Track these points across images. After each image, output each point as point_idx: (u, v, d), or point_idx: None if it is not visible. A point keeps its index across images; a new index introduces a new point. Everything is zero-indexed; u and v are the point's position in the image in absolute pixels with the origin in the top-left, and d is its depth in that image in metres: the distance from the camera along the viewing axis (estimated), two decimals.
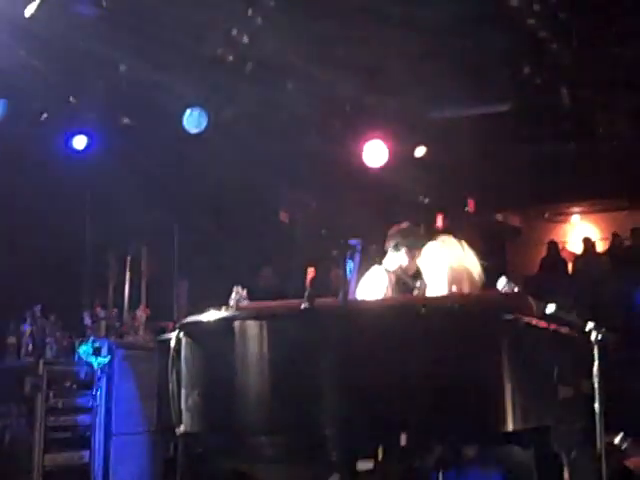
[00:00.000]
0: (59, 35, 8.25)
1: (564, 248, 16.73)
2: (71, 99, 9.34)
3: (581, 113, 10.19)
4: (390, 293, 6.34)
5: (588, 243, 15.97)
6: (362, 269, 6.82)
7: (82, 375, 7.39)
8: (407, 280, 6.22)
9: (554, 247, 16.02)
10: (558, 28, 8.72)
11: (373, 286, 6.34)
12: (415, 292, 6.08)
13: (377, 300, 5.71)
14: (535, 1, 8.34)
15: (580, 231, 17.54)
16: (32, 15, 7.51)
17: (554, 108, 10.05)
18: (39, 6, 7.47)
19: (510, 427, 3.85)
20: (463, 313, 4.01)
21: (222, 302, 6.35)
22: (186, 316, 4.84)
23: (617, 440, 4.94)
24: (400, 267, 6.56)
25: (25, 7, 7.50)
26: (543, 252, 16.08)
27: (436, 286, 5.31)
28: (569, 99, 9.66)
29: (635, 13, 8.26)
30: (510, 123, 10.48)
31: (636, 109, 10.08)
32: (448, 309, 4.08)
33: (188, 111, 9.42)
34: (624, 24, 8.52)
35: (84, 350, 7.43)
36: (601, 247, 16.52)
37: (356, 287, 6.48)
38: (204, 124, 9.47)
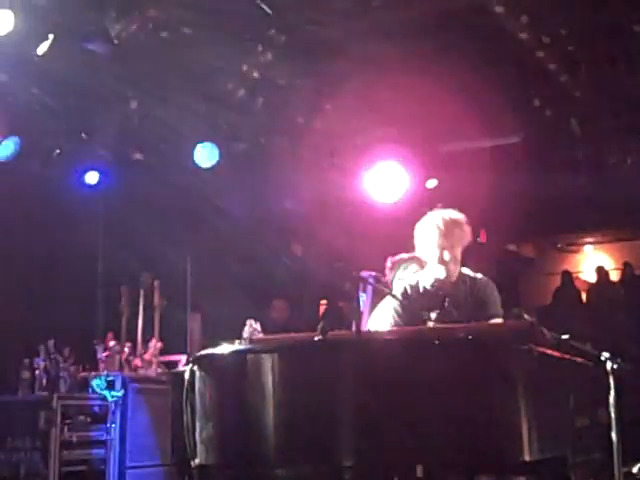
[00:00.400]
0: (71, 72, 8.32)
1: (577, 278, 16.69)
2: (83, 135, 9.40)
3: (592, 143, 10.20)
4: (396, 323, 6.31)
5: (602, 272, 15.93)
6: (376, 301, 6.84)
7: (96, 409, 7.39)
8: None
9: (568, 277, 15.98)
10: (567, 60, 8.75)
11: (382, 316, 6.32)
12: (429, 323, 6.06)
13: (390, 331, 5.69)
14: (544, 34, 8.39)
15: (593, 261, 17.51)
16: (44, 53, 7.58)
17: (566, 139, 10.07)
18: (51, 44, 7.53)
19: (526, 457, 3.83)
20: (477, 344, 4.00)
21: (235, 335, 6.37)
22: (199, 349, 4.84)
23: (635, 469, 4.91)
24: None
25: (38, 45, 7.57)
26: (556, 282, 16.03)
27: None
28: (579, 129, 9.68)
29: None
30: (522, 154, 10.49)
31: None
32: (462, 340, 4.07)
33: (199, 145, 9.46)
34: (633, 54, 8.54)
35: (98, 384, 7.43)
36: (615, 276, 16.49)
37: (369, 319, 6.49)
38: (215, 158, 9.51)
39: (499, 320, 5.31)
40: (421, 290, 5.71)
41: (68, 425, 7.13)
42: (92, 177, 9.68)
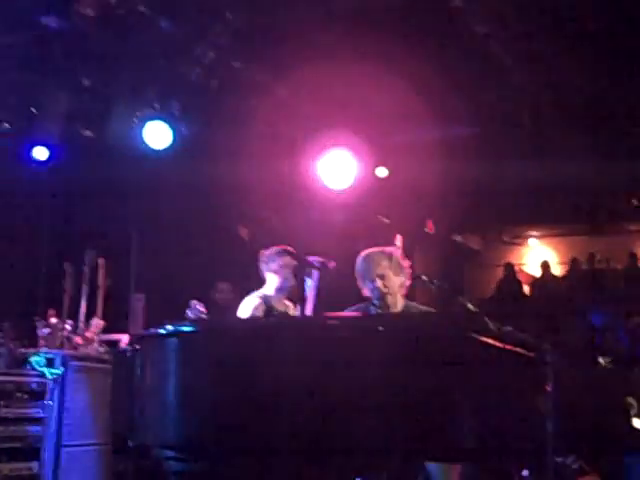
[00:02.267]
0: (22, 46, 8.23)
1: (521, 270, 16.89)
2: (33, 110, 9.30)
3: (541, 137, 10.30)
4: None
5: (546, 267, 16.15)
6: (321, 286, 6.87)
7: (34, 385, 7.31)
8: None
9: (510, 269, 16.17)
10: (520, 52, 8.82)
11: None
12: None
13: (334, 316, 5.71)
14: (500, 28, 8.44)
15: (538, 254, 17.72)
16: None
17: (515, 132, 10.16)
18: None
19: (465, 444, 3.87)
20: (420, 331, 4.03)
21: (178, 316, 6.36)
22: (142, 329, 4.83)
23: (569, 460, 4.99)
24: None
25: None
26: (501, 274, 16.21)
27: None
28: (529, 122, 9.77)
29: (598, 39, 8.38)
30: (471, 145, 10.57)
31: (595, 133, 10.21)
32: (405, 327, 4.10)
33: (150, 125, 9.40)
34: (587, 50, 8.63)
35: (37, 361, 7.35)
36: (559, 271, 16.71)
37: (314, 303, 6.52)
38: (167, 139, 9.45)
39: None
40: None
41: (4, 401, 7.05)
42: (40, 152, 9.58)
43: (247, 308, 6.74)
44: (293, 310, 7.01)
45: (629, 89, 9.30)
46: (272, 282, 6.93)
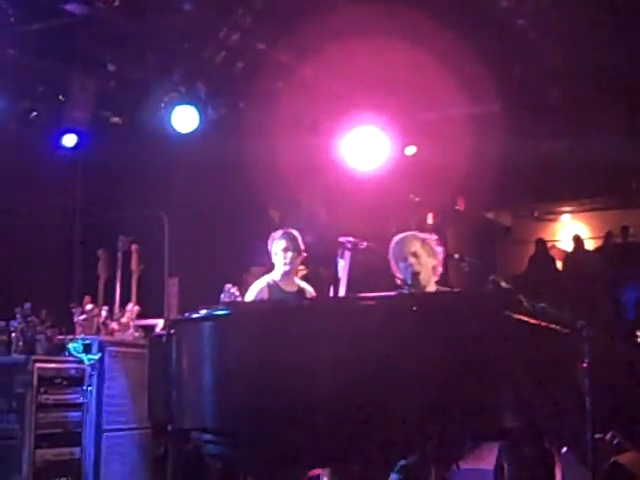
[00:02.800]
0: (48, 33, 8.25)
1: (554, 246, 16.79)
2: (60, 98, 9.33)
3: (571, 112, 10.22)
4: None
5: (578, 241, 16.04)
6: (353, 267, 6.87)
7: (72, 372, 7.38)
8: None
9: (542, 245, 16.08)
10: (548, 28, 8.74)
11: None
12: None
13: (368, 296, 5.71)
14: (530, 2, 8.37)
15: (570, 230, 17.59)
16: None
17: (545, 107, 10.08)
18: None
19: (504, 424, 3.87)
20: (455, 310, 4.02)
21: (213, 299, 6.38)
22: (177, 314, 4.84)
23: (608, 436, 4.97)
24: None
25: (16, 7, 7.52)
26: (532, 250, 16.13)
27: None
28: (560, 98, 9.70)
29: (620, 17, 8.30)
30: (501, 122, 10.50)
31: (628, 108, 10.11)
32: (440, 306, 4.10)
33: (178, 109, 9.41)
34: (616, 22, 8.54)
35: (74, 347, 7.42)
36: (591, 246, 16.59)
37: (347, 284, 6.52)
38: (194, 122, 9.47)
39: None
40: None
41: (44, 388, 7.12)
42: (69, 140, 9.62)
43: (252, 292, 6.82)
44: (310, 291, 7.05)
45: None
46: (277, 266, 6.97)
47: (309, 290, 7.13)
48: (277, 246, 7.01)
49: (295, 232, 7.10)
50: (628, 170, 13.46)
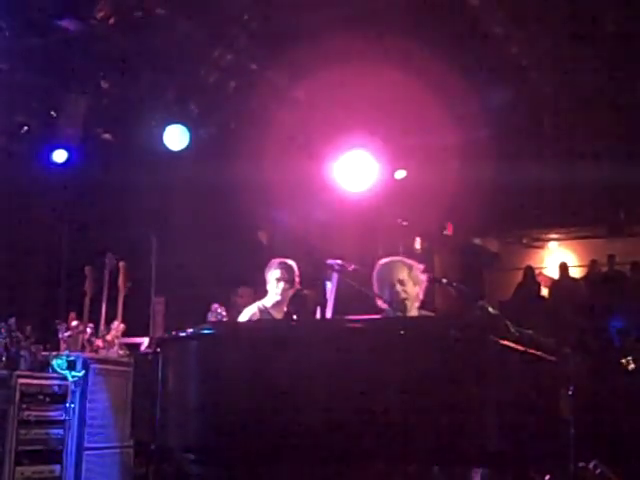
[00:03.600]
0: (42, 49, 8.26)
1: (541, 273, 16.81)
2: (52, 113, 9.33)
3: (561, 140, 10.27)
4: None
5: (564, 269, 16.07)
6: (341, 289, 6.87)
7: (56, 388, 7.34)
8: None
9: (530, 272, 16.10)
10: (540, 56, 8.80)
11: None
12: None
13: (355, 319, 5.71)
14: (517, 29, 8.42)
15: (557, 257, 17.62)
16: None
17: (535, 134, 10.13)
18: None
19: (487, 449, 3.85)
20: (442, 335, 4.02)
21: (199, 319, 6.37)
22: (162, 332, 4.83)
23: (591, 465, 4.96)
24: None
25: (8, 21, 7.53)
26: (520, 277, 16.13)
27: None
28: (550, 126, 9.75)
29: (617, 39, 8.35)
30: (491, 149, 10.54)
31: (617, 137, 10.16)
32: (427, 331, 4.09)
33: (169, 128, 9.43)
34: (606, 51, 8.59)
35: (58, 363, 7.38)
36: (577, 273, 16.62)
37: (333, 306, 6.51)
38: (185, 141, 9.48)
39: None
40: None
41: (27, 404, 7.08)
42: (60, 155, 9.61)
43: (245, 316, 6.79)
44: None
45: None
46: (269, 293, 6.96)
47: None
48: (272, 274, 6.97)
49: (292, 263, 7.04)
50: (616, 199, 13.52)
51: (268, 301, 6.98)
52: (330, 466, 3.98)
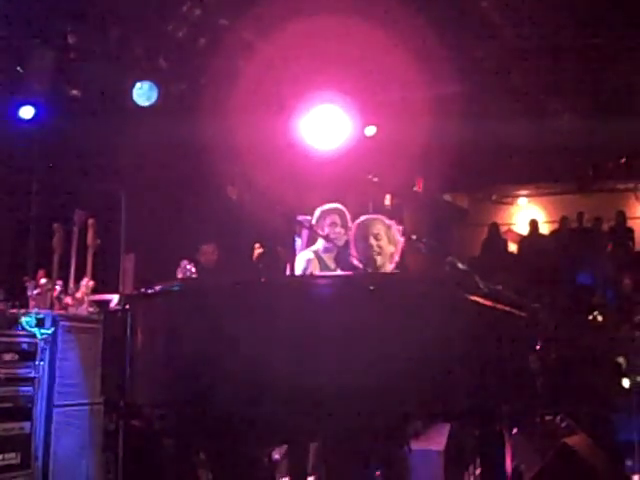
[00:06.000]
0: (7, 3, 8.15)
1: (509, 230, 16.92)
2: (19, 69, 9.22)
3: (531, 96, 10.28)
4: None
5: (534, 225, 16.18)
6: (310, 245, 6.87)
7: (25, 346, 7.30)
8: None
9: (494, 229, 16.23)
10: (510, 10, 8.78)
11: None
12: None
13: (326, 275, 5.73)
14: None
15: (527, 214, 17.74)
16: None
17: (505, 91, 10.14)
18: None
19: (456, 405, 3.88)
20: (410, 290, 4.03)
21: (168, 276, 6.36)
22: (132, 290, 4.82)
23: (558, 418, 5.02)
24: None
25: None
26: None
27: None
28: (520, 81, 9.76)
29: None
30: (461, 104, 10.54)
31: (588, 93, 10.19)
32: (396, 286, 4.10)
33: (138, 84, 9.35)
34: (574, 7, 8.59)
35: (27, 321, 7.35)
36: (547, 230, 16.75)
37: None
38: (154, 98, 9.41)
39: None
40: None
41: None
42: (27, 112, 9.52)
43: (301, 262, 6.65)
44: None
45: (618, 45, 9.27)
46: (321, 240, 6.83)
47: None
48: (326, 220, 6.81)
49: (344, 208, 6.92)
50: (586, 156, 13.59)
51: (320, 247, 6.84)
52: (299, 422, 3.99)
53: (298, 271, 6.45)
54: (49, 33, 8.79)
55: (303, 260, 6.65)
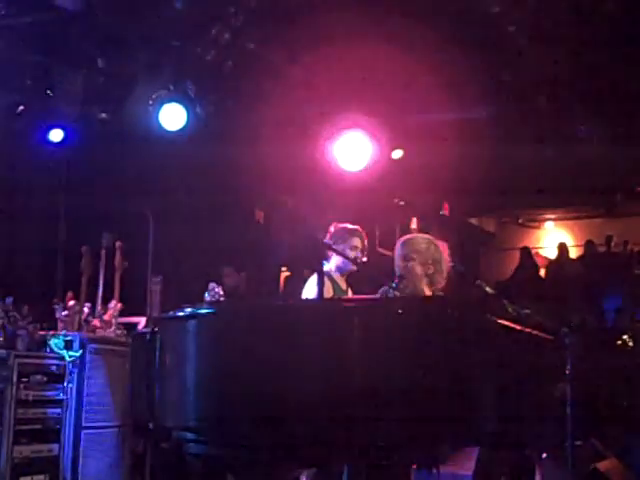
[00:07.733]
0: (38, 27, 8.23)
1: (537, 253, 16.85)
2: (48, 92, 9.30)
3: (559, 119, 10.24)
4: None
5: (562, 249, 16.10)
6: None
7: (53, 368, 7.35)
8: None
9: (526, 253, 16.14)
10: (538, 35, 8.76)
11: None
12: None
13: (352, 298, 5.73)
14: (515, 8, 8.39)
15: (554, 237, 17.66)
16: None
17: (532, 114, 10.10)
18: None
19: (484, 428, 3.86)
20: (439, 314, 4.02)
21: (195, 298, 6.37)
22: (159, 312, 4.84)
23: (588, 444, 4.98)
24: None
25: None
26: (516, 257, 16.17)
27: None
28: (547, 104, 9.72)
29: (616, 20, 8.31)
30: (488, 127, 10.52)
31: (615, 118, 10.15)
32: (425, 309, 4.09)
33: (166, 107, 9.39)
34: (605, 31, 8.56)
35: (56, 343, 7.39)
36: (574, 254, 16.66)
37: None
38: (182, 121, 9.45)
39: None
40: None
41: (24, 384, 7.09)
42: (56, 135, 9.60)
43: (313, 285, 6.62)
44: (349, 293, 6.88)
45: None
46: (334, 260, 6.81)
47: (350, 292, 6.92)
48: (347, 242, 6.79)
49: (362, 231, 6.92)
50: (613, 180, 13.52)
51: (333, 266, 6.82)
52: (328, 446, 3.98)
53: (310, 292, 6.45)
54: (79, 57, 8.87)
55: (314, 283, 6.63)
